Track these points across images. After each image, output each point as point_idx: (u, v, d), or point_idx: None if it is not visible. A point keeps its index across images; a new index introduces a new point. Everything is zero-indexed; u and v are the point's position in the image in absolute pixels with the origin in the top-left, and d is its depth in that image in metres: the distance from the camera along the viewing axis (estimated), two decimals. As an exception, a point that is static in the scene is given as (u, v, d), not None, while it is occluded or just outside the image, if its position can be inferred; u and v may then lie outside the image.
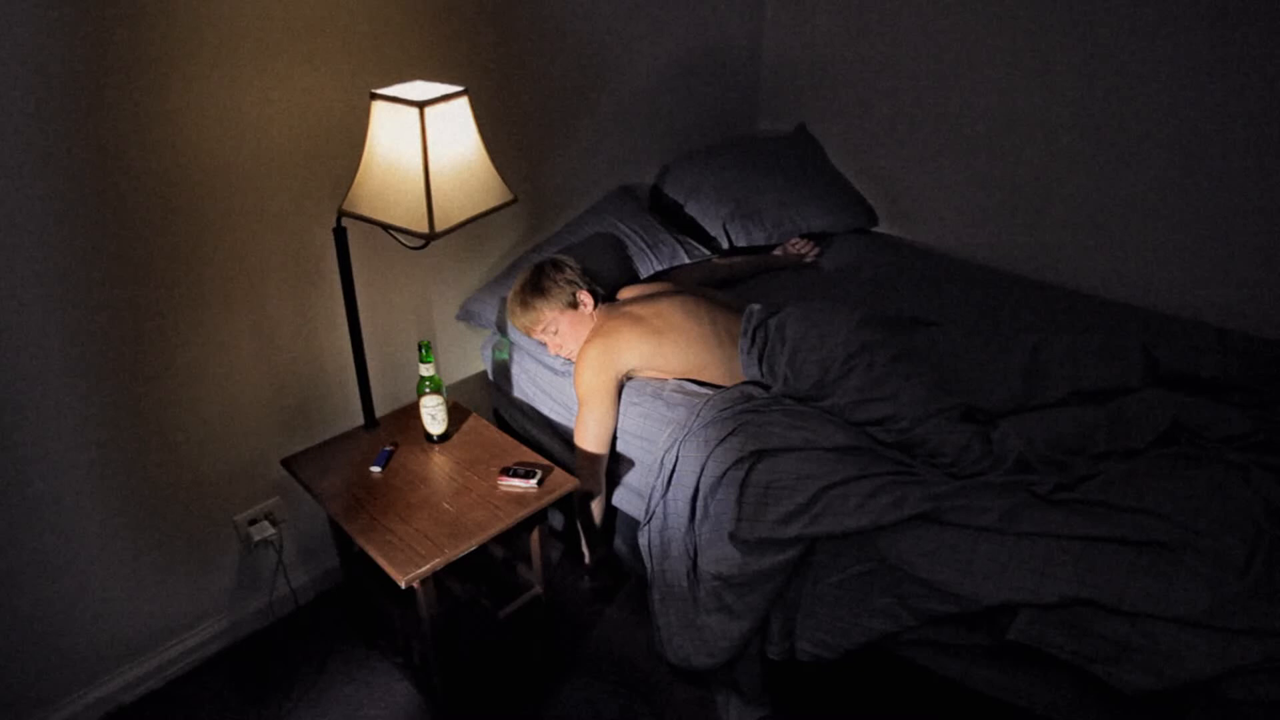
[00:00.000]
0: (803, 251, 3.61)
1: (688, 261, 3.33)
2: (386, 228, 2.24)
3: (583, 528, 2.92)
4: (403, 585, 2.20)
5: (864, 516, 2.24)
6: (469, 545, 2.30)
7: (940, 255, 3.65)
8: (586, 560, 2.97)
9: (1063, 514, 2.14)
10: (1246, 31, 2.79)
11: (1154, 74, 3.03)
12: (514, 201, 2.38)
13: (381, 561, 2.26)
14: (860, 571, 2.30)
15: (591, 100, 3.36)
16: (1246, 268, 3.01)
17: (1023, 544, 2.11)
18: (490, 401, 3.40)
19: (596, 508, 2.84)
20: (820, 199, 3.74)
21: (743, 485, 2.40)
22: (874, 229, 3.94)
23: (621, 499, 2.87)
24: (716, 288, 3.28)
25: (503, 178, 2.37)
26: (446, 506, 2.42)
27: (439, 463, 2.61)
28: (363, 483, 2.52)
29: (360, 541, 2.33)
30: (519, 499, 2.45)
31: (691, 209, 3.59)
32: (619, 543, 2.98)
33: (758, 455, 2.43)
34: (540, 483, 2.49)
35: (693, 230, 3.56)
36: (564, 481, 2.52)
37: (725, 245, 3.51)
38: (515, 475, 2.49)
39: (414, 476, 2.55)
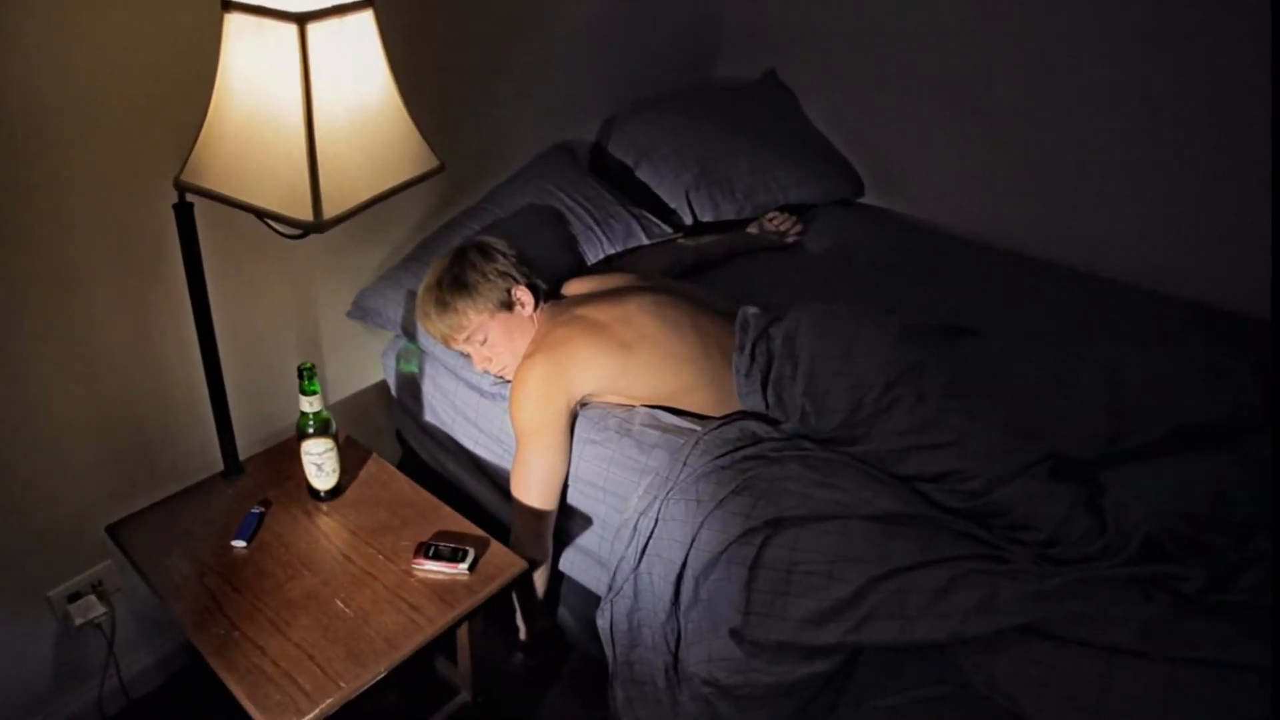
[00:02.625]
0: (783, 229, 3.08)
1: (647, 243, 2.80)
2: (249, 211, 1.53)
3: (519, 598, 2.35)
4: (278, 749, 1.52)
5: (938, 624, 1.68)
6: (376, 674, 1.68)
7: (942, 234, 3.17)
8: (522, 635, 2.41)
9: (1228, 629, 1.59)
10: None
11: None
12: (440, 170, 1.76)
13: (248, 704, 1.62)
14: (929, 696, 1.73)
15: (523, 33, 2.83)
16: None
17: (1180, 677, 1.54)
18: (391, 421, 2.85)
19: (539, 576, 2.27)
20: (798, 163, 3.22)
21: (753, 567, 1.86)
22: (859, 200, 3.44)
23: (573, 564, 2.31)
24: (682, 276, 2.74)
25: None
26: (341, 606, 1.80)
27: (329, 532, 1.99)
28: (221, 565, 1.91)
29: (216, 666, 1.69)
30: (444, 591, 1.83)
31: (645, 173, 3.06)
32: (564, 613, 2.42)
33: (774, 526, 1.87)
34: (473, 566, 1.89)
35: (645, 200, 3.03)
36: (506, 564, 1.92)
37: (689, 220, 3.00)
38: (438, 556, 1.89)
39: (294, 556, 1.93)
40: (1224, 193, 2.65)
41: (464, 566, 1.87)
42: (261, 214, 1.53)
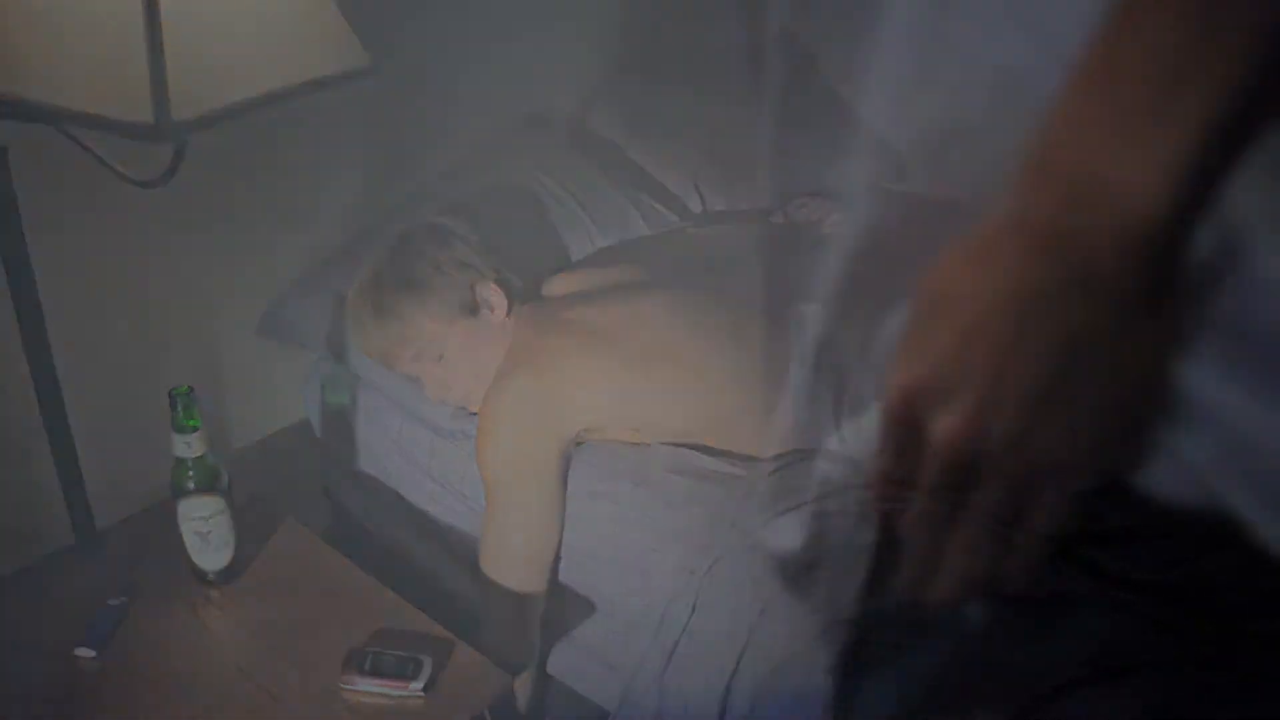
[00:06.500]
0: (815, 218, 2.78)
1: (648, 233, 2.54)
2: (55, 121, 1.14)
3: (492, 712, 1.91)
4: None
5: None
6: None
7: (1017, 226, 2.81)
8: (497, 759, 2.04)
9: None
10: None
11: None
12: (369, 73, 1.45)
13: None
14: None
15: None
16: None
17: None
18: (317, 472, 2.58)
19: (521, 685, 1.95)
20: (828, 139, 2.79)
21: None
22: (900, 187, 3.05)
23: (568, 666, 2.01)
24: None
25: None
26: (231, 751, 1.46)
27: (219, 634, 1.71)
28: (60, 684, 1.59)
29: None
30: (388, 724, 1.48)
31: (637, 153, 2.82)
32: (554, 728, 2.12)
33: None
34: (429, 684, 1.53)
35: (640, 185, 2.79)
36: (479, 678, 1.59)
37: (698, 208, 2.75)
38: (378, 671, 1.54)
39: (166, 671, 1.61)
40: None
41: (417, 685, 1.52)
42: (75, 120, 1.06)
